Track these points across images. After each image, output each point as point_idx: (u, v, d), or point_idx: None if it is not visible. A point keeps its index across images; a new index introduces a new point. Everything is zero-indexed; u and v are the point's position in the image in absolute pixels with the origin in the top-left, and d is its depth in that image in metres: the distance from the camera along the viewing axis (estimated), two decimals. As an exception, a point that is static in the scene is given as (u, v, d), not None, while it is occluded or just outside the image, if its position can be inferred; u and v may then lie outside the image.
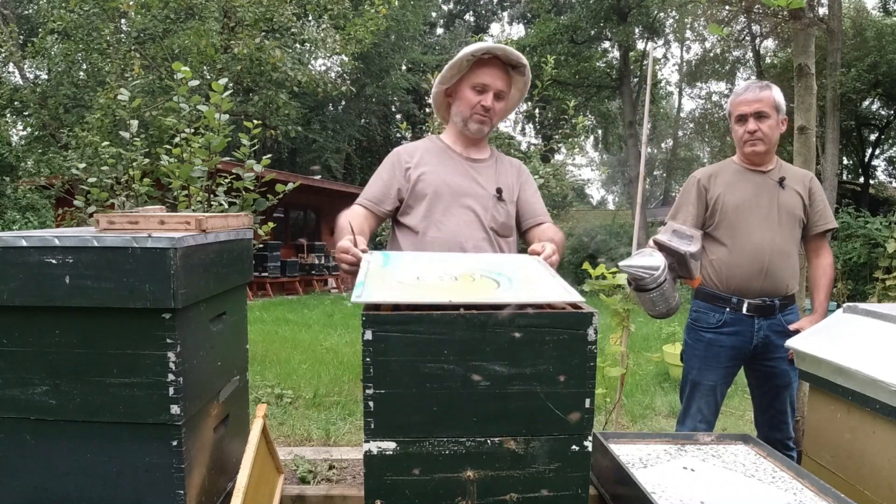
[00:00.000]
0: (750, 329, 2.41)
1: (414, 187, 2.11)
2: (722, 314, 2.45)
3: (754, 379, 2.54)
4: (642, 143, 4.51)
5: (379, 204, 2.14)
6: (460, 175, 2.14)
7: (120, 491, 1.59)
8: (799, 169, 2.65)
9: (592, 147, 32.42)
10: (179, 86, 3.85)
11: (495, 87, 2.09)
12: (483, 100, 2.09)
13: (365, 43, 9.85)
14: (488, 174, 2.18)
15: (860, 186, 20.79)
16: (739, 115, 2.47)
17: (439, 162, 2.16)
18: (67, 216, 4.89)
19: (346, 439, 3.86)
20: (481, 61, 2.08)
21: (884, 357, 1.81)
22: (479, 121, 2.12)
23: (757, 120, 2.43)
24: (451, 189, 2.10)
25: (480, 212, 2.11)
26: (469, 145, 2.21)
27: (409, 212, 2.13)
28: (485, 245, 2.10)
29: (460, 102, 2.14)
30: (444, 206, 2.09)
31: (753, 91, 2.45)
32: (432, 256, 1.86)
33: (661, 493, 1.63)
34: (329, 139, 24.52)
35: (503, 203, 2.15)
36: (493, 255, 2.00)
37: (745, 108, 2.45)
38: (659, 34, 22.98)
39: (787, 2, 2.46)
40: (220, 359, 1.85)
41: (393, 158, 2.19)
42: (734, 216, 2.44)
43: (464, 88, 2.12)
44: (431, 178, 2.11)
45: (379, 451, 1.30)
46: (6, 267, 1.53)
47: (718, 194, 2.49)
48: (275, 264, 14.65)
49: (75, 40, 8.89)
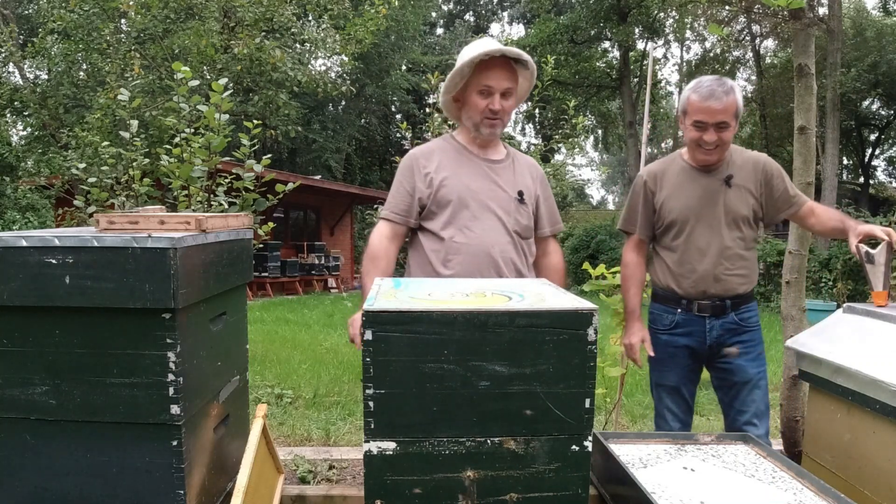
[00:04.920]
0: (702, 329, 2.39)
1: (437, 193, 2.10)
2: (674, 315, 2.42)
3: (716, 379, 2.50)
4: (642, 143, 4.51)
5: (408, 216, 2.14)
6: (481, 178, 2.14)
7: (120, 491, 1.59)
8: (751, 155, 2.45)
9: (592, 147, 32.48)
10: (179, 86, 3.85)
11: (500, 87, 2.08)
12: (490, 103, 2.08)
13: (365, 43, 9.84)
14: (507, 176, 2.18)
15: (860, 186, 20.81)
16: (698, 122, 2.27)
17: (458, 165, 2.15)
18: (67, 216, 4.89)
19: (346, 439, 3.86)
20: (483, 62, 2.06)
21: (884, 357, 1.81)
22: (489, 125, 2.12)
23: (717, 130, 2.25)
24: (475, 194, 2.10)
25: (504, 216, 2.11)
26: (485, 146, 2.20)
27: (432, 217, 2.12)
28: (509, 249, 2.10)
29: (469, 108, 2.13)
30: (469, 212, 2.08)
31: (718, 99, 2.22)
32: (444, 280, 1.89)
33: (661, 493, 1.62)
34: (329, 139, 24.53)
35: (524, 206, 2.15)
36: (505, 279, 2.01)
37: (706, 116, 2.25)
38: (659, 34, 22.97)
39: (787, 2, 2.44)
40: (220, 359, 1.86)
41: (410, 163, 2.17)
42: (680, 223, 2.38)
43: (470, 93, 2.11)
44: (454, 184, 2.10)
45: (379, 451, 1.30)
46: (6, 267, 1.53)
47: (664, 199, 2.41)
48: (275, 264, 14.66)
49: (75, 40, 8.89)
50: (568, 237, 18.07)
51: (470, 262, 2.05)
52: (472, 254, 2.05)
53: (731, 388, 2.43)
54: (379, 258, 2.13)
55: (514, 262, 2.12)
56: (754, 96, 21.78)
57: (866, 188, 20.87)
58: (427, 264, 2.11)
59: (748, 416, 2.40)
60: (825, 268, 12.03)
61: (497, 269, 2.07)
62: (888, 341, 1.88)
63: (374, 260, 2.13)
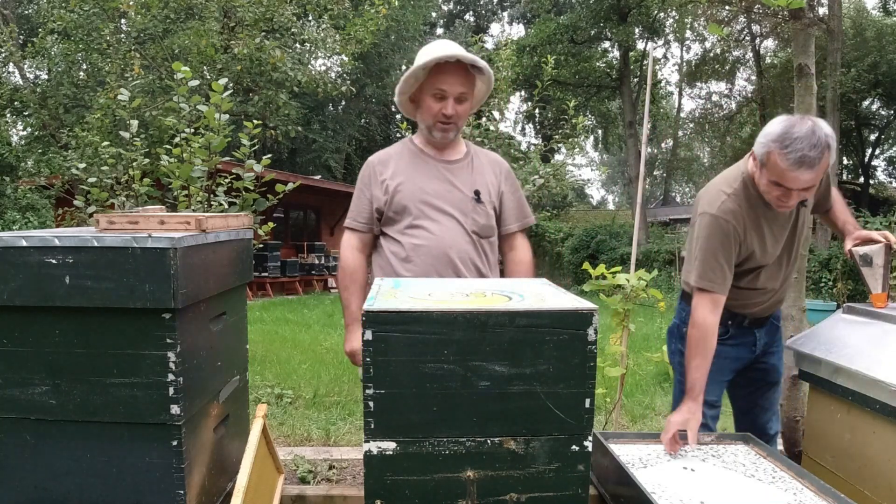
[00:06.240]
0: (752, 339, 2.31)
1: (392, 199, 2.11)
2: (726, 327, 2.24)
3: (746, 380, 2.38)
4: (642, 143, 4.51)
5: (370, 223, 2.17)
6: (436, 180, 2.13)
7: (120, 491, 1.59)
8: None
9: (592, 147, 32.45)
10: (179, 86, 3.85)
11: (454, 92, 2.06)
12: (443, 107, 2.07)
13: (365, 43, 9.84)
14: (464, 176, 2.17)
15: (860, 186, 20.80)
16: (782, 185, 1.92)
17: (413, 168, 2.15)
18: (67, 216, 4.89)
19: (346, 439, 3.85)
20: (439, 66, 2.04)
21: (884, 357, 1.82)
22: (442, 129, 2.11)
23: (802, 192, 1.94)
24: (430, 197, 2.10)
25: (460, 217, 2.10)
26: (442, 147, 2.19)
27: (391, 223, 2.13)
28: (469, 248, 2.10)
29: (423, 110, 2.12)
30: (425, 215, 2.09)
31: (811, 167, 1.84)
32: (444, 280, 1.89)
33: (661, 493, 1.63)
34: (329, 139, 24.54)
35: (482, 205, 2.14)
36: (504, 279, 2.00)
37: (792, 184, 1.89)
38: (659, 34, 22.98)
39: (787, 2, 2.44)
40: (220, 359, 1.85)
41: (368, 171, 2.19)
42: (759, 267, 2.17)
43: (424, 96, 2.10)
44: (408, 188, 2.10)
45: (379, 451, 1.30)
46: (6, 267, 1.53)
47: (750, 243, 2.10)
48: (275, 264, 14.65)
49: (75, 40, 8.89)
50: (568, 237, 18.07)
51: (429, 264, 2.06)
52: (431, 255, 2.05)
53: (761, 387, 2.37)
54: (356, 272, 2.17)
55: (475, 262, 2.12)
56: (754, 96, 21.78)
57: (866, 188, 20.87)
58: (387, 265, 2.12)
59: (771, 412, 2.37)
60: (825, 268, 12.03)
61: (455, 269, 2.07)
62: (888, 341, 1.88)
63: (351, 275, 2.16)
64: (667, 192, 35.06)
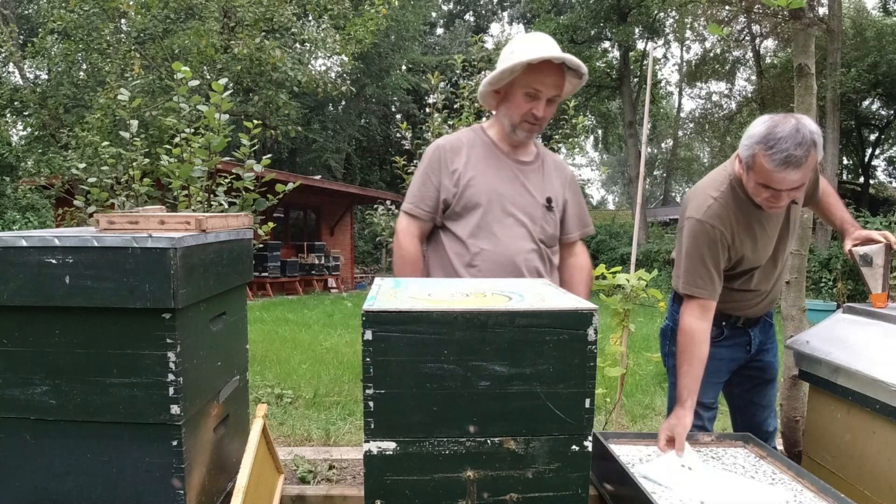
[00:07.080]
0: (747, 338, 2.30)
1: (463, 193, 2.01)
2: (721, 328, 2.25)
3: (742, 378, 2.37)
4: (642, 143, 4.51)
5: (434, 213, 2.06)
6: (509, 181, 2.05)
7: (120, 491, 1.59)
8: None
9: (592, 147, 32.48)
10: (179, 86, 3.85)
11: (549, 94, 1.98)
12: (534, 107, 1.98)
13: (365, 43, 9.85)
14: (536, 180, 2.09)
15: (860, 186, 20.81)
16: (769, 186, 1.89)
17: (486, 164, 2.06)
18: (67, 216, 4.89)
19: (346, 439, 3.85)
20: (537, 63, 1.94)
21: (884, 357, 1.82)
22: (527, 129, 2.03)
23: (791, 192, 1.92)
24: (503, 198, 2.02)
25: (530, 224, 2.04)
26: (516, 145, 2.11)
27: (456, 218, 2.04)
28: (534, 257, 2.04)
29: (510, 106, 2.02)
30: (496, 217, 2.01)
31: (797, 167, 1.80)
32: (443, 280, 1.87)
33: (660, 493, 1.63)
34: (329, 139, 24.55)
35: (552, 213, 2.08)
36: (504, 279, 1.99)
37: (779, 185, 1.87)
38: (659, 34, 23.00)
39: (787, 2, 2.44)
40: (220, 359, 1.85)
41: (438, 156, 2.06)
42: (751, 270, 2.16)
43: (515, 91, 1.99)
44: (482, 186, 2.01)
45: (379, 451, 1.30)
46: (6, 267, 1.53)
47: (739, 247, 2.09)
48: (275, 264, 14.67)
49: (75, 40, 8.89)
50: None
51: (494, 270, 1.99)
52: (497, 261, 1.99)
53: (757, 385, 2.36)
54: (417, 262, 2.07)
55: (539, 270, 2.06)
56: (754, 96, 21.78)
57: (866, 188, 20.87)
58: (448, 265, 2.04)
59: (768, 410, 2.36)
60: (825, 268, 12.04)
61: (521, 277, 2.00)
62: (888, 341, 1.88)
63: (413, 264, 2.06)
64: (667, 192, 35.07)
